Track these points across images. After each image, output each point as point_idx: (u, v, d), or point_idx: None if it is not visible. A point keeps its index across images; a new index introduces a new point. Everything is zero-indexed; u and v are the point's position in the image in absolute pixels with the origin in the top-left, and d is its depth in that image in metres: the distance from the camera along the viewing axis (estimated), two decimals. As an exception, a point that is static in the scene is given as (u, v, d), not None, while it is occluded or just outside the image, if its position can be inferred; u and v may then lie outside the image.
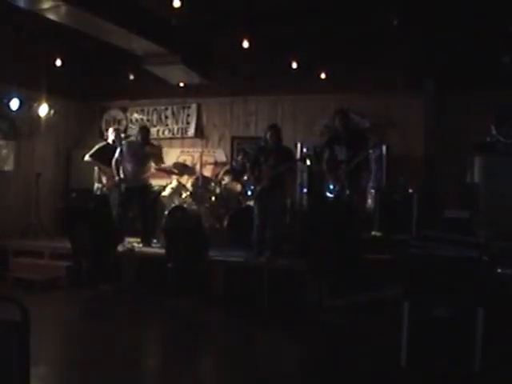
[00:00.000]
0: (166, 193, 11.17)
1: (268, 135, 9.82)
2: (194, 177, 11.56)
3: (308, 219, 10.01)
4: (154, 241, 10.72)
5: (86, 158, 11.27)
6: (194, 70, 11.31)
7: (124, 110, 13.71)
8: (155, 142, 11.65)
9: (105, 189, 11.18)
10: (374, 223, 9.96)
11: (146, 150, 10.74)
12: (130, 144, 10.83)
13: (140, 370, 6.05)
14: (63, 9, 8.49)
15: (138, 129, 11.43)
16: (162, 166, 11.22)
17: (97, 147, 11.37)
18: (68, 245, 10.03)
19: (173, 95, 12.98)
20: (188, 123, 13.20)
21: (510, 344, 6.06)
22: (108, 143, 11.45)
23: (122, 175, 10.56)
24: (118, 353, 6.44)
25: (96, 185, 11.45)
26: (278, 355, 6.53)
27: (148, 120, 13.34)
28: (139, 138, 10.88)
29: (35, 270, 10.01)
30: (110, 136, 11.49)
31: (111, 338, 7.02)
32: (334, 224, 8.61)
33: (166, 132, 13.34)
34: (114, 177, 10.77)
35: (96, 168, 11.49)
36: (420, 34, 8.94)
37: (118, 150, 10.64)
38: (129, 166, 10.64)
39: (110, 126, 12.98)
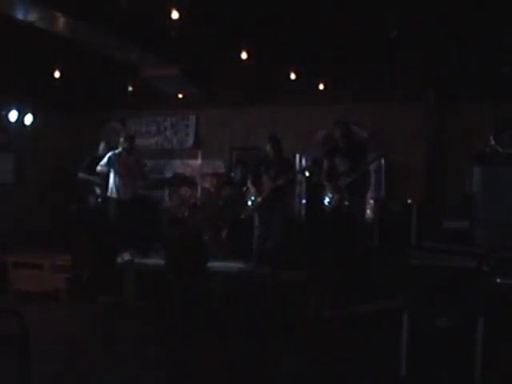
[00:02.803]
0: (165, 204, 11.19)
1: (268, 147, 9.85)
2: (192, 188, 11.57)
3: (307, 230, 10.02)
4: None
5: (80, 174, 11.20)
6: (193, 81, 11.32)
7: (123, 121, 13.72)
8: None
9: (99, 200, 11.09)
10: (373, 234, 9.97)
11: (135, 160, 10.74)
12: (117, 155, 10.73)
13: (139, 382, 6.03)
14: (61, 20, 8.51)
15: (123, 139, 11.16)
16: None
17: (87, 161, 11.26)
18: (68, 257, 10.02)
19: (172, 107, 12.99)
20: (187, 134, 13.22)
21: (511, 355, 6.04)
22: (97, 155, 11.28)
23: (112, 188, 10.55)
24: (117, 366, 6.42)
25: (90, 198, 11.33)
26: (277, 367, 6.51)
27: (147, 131, 13.36)
28: (127, 147, 10.80)
29: (35, 282, 10.00)
30: (101, 148, 11.39)
31: (111, 351, 6.99)
32: (333, 235, 8.61)
33: (165, 143, 13.36)
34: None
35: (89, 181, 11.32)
36: (419, 46, 8.94)
37: (104, 161, 10.66)
38: (119, 179, 10.61)
39: (111, 138, 13.05)
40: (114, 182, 10.60)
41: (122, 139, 11.06)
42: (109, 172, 10.65)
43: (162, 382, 6.12)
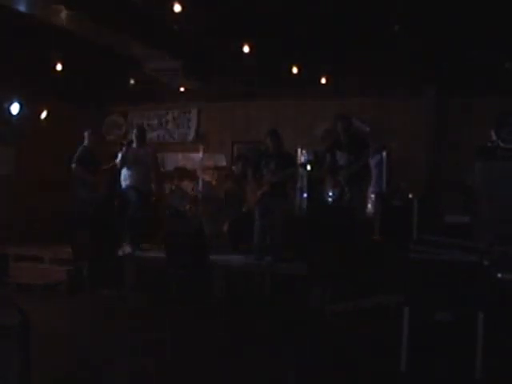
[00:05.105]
0: (166, 198, 11.19)
1: (268, 140, 9.83)
2: (194, 181, 11.56)
3: (308, 224, 10.01)
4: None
5: (73, 165, 10.88)
6: (195, 75, 11.31)
7: (124, 114, 13.70)
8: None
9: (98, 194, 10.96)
10: (374, 228, 9.96)
11: (147, 152, 10.61)
12: (129, 149, 10.52)
13: (140, 375, 6.03)
14: (64, 13, 8.50)
15: (135, 130, 11.08)
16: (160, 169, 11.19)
17: (78, 153, 10.94)
18: (68, 249, 10.02)
19: (173, 100, 12.99)
20: (188, 128, 13.20)
21: (511, 349, 6.04)
22: (85, 146, 11.07)
23: (127, 181, 10.42)
24: (117, 358, 6.43)
25: (79, 191, 10.94)
26: (278, 360, 6.51)
27: (148, 125, 13.34)
28: (138, 138, 10.61)
29: (35, 275, 10.00)
30: (86, 139, 11.14)
31: (111, 343, 6.99)
32: (334, 229, 8.60)
33: (167, 137, 13.34)
34: (95, 183, 10.76)
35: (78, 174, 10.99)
36: (420, 40, 8.93)
37: (120, 156, 10.48)
38: (132, 174, 10.44)
39: (112, 131, 13.06)
40: (125, 175, 10.51)
41: (135, 131, 10.98)
42: (121, 166, 10.53)
43: (162, 373, 6.13)
